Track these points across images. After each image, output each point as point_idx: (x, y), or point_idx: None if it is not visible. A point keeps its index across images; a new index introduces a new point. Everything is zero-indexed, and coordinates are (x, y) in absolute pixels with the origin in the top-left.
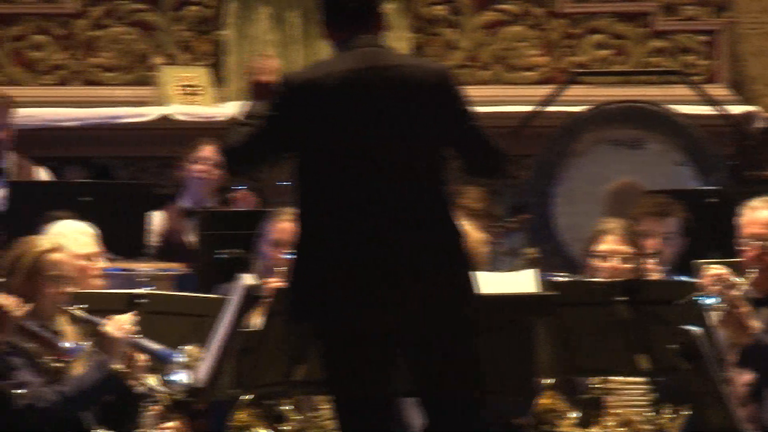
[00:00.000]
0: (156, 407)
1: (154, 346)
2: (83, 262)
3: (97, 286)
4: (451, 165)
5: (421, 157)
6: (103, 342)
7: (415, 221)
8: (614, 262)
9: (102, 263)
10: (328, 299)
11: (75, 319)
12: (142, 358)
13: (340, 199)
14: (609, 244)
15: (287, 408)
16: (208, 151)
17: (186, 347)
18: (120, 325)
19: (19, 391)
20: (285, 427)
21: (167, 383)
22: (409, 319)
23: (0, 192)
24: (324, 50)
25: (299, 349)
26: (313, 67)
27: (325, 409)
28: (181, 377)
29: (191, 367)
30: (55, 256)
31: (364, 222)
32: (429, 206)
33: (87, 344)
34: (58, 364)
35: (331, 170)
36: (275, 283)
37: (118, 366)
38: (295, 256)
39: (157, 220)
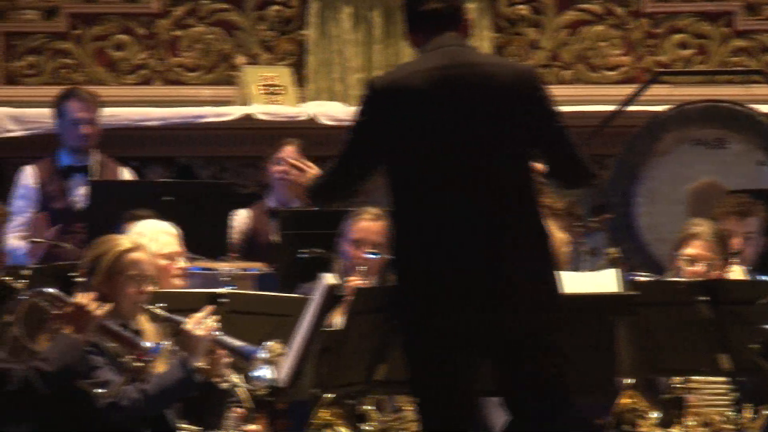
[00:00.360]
0: (238, 407)
1: (236, 342)
2: (164, 262)
3: (178, 286)
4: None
5: (507, 155)
6: (185, 340)
7: (503, 222)
8: (700, 267)
9: (183, 263)
10: (418, 300)
11: (155, 318)
12: (223, 354)
13: (429, 200)
14: (697, 248)
15: (369, 408)
16: (289, 151)
17: (268, 343)
18: (201, 322)
19: (102, 390)
20: (367, 428)
21: (250, 380)
22: (496, 320)
23: (82, 190)
24: (405, 50)
25: (380, 349)
26: (396, 69)
27: (407, 410)
28: (264, 373)
29: (274, 362)
30: (136, 255)
31: (452, 222)
32: (516, 206)
33: (168, 343)
34: (139, 364)
35: (419, 170)
36: (356, 282)
37: (200, 364)
38: (391, 258)
39: (241, 219)
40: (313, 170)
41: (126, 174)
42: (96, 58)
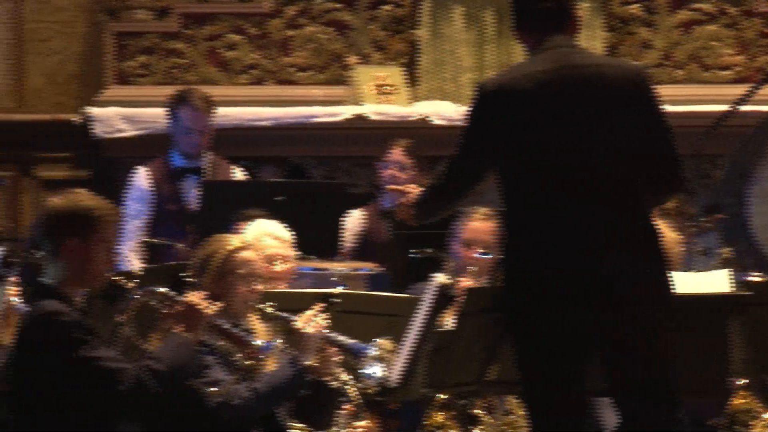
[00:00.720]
0: (348, 406)
1: (347, 340)
2: (275, 261)
3: (288, 286)
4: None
5: (617, 156)
6: (295, 338)
7: (613, 222)
8: None
9: (294, 263)
10: (529, 299)
11: (266, 317)
12: (334, 352)
13: (540, 202)
14: None
15: (481, 411)
16: (396, 154)
17: (378, 340)
18: (311, 320)
19: (213, 389)
20: (478, 430)
21: (361, 377)
22: (607, 319)
23: (196, 191)
24: (517, 50)
25: (492, 349)
26: (506, 72)
27: (518, 413)
28: (375, 371)
29: (384, 360)
30: (246, 254)
31: (563, 223)
32: (626, 206)
33: (279, 341)
34: (250, 362)
35: (530, 172)
36: (467, 282)
37: (310, 362)
38: (502, 258)
39: (355, 219)
40: (414, 191)
41: (238, 173)
42: (208, 58)
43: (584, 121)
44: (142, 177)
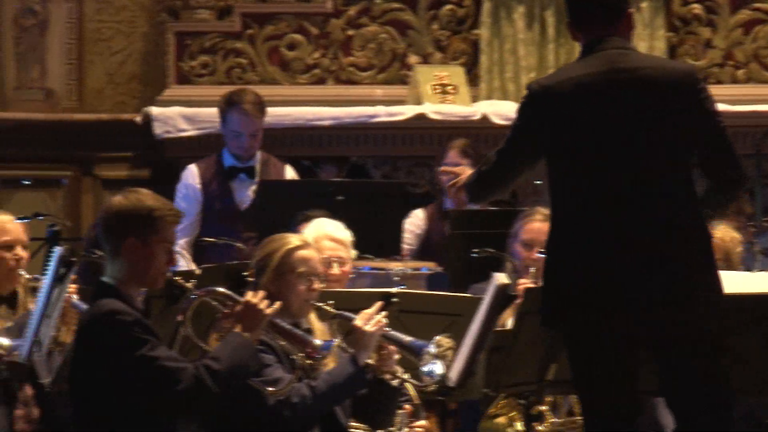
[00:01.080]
0: (407, 405)
1: (406, 338)
2: (332, 264)
3: (347, 285)
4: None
5: (668, 157)
6: (355, 336)
7: (664, 223)
8: None
9: (351, 265)
10: (580, 300)
11: (324, 316)
12: (393, 351)
13: (588, 202)
14: None
15: (544, 408)
16: (452, 156)
17: (438, 337)
18: (371, 318)
19: (272, 387)
20: (540, 428)
21: (421, 375)
22: (660, 319)
23: (248, 190)
24: (578, 49)
25: (551, 349)
26: (554, 74)
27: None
28: (435, 368)
29: (444, 357)
30: (305, 252)
31: (613, 224)
32: (676, 207)
33: (338, 340)
34: (309, 362)
35: (577, 174)
36: (526, 282)
37: (370, 360)
38: (547, 257)
39: (417, 219)
40: (465, 173)
41: (289, 171)
42: (269, 58)
43: (633, 126)
44: (192, 175)
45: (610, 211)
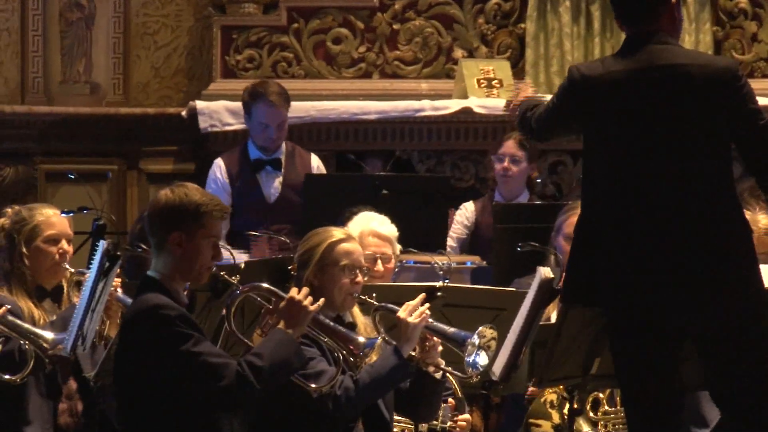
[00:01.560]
0: (450, 399)
1: (449, 329)
2: (378, 257)
3: (389, 279)
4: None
5: (705, 151)
6: (398, 328)
7: (703, 215)
8: None
9: (395, 261)
10: (619, 292)
11: (368, 308)
12: (437, 343)
13: (625, 194)
14: None
15: (601, 396)
16: (510, 146)
17: (481, 328)
18: (415, 310)
19: (315, 382)
20: (582, 421)
21: (465, 367)
22: (699, 313)
23: (276, 182)
24: None
25: (595, 343)
26: (596, 63)
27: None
28: (479, 359)
29: (487, 347)
30: (348, 245)
31: (652, 217)
32: (715, 202)
33: (380, 338)
34: (352, 359)
35: (612, 164)
36: None
37: (413, 352)
38: (576, 244)
39: (467, 212)
40: (523, 94)
41: (315, 161)
42: (314, 52)
43: (666, 121)
44: (219, 169)
45: (646, 205)
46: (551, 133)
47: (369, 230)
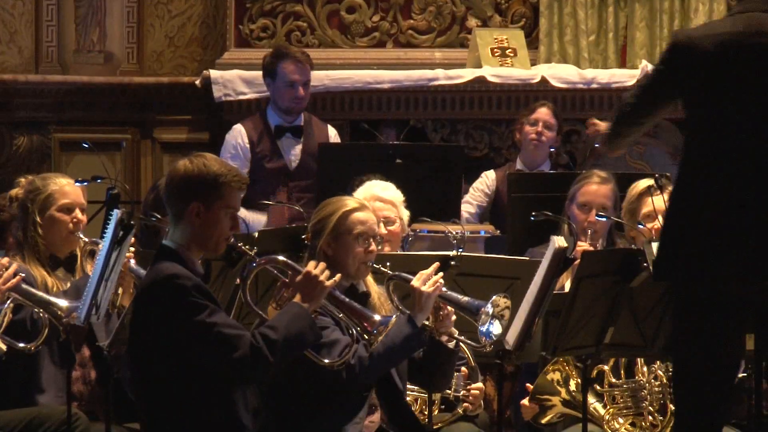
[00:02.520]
0: (464, 368)
1: (463, 298)
2: (381, 221)
3: (399, 248)
4: None
5: None
6: (412, 297)
7: None
8: None
9: (401, 225)
10: (700, 263)
11: (381, 277)
12: (451, 312)
13: (721, 162)
14: None
15: (605, 368)
16: (544, 114)
17: (494, 297)
18: (428, 279)
19: (329, 351)
20: (599, 389)
21: (479, 335)
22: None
23: (296, 149)
24: (639, 12)
25: (609, 312)
26: (701, 27)
27: (641, 377)
28: (492, 328)
29: (501, 317)
30: (361, 214)
31: (741, 187)
32: None
33: (395, 317)
34: (366, 336)
35: (712, 132)
36: (584, 245)
37: (427, 322)
38: (669, 218)
39: (488, 180)
40: (602, 125)
41: (332, 131)
42: (328, 21)
43: (763, 86)
44: (240, 134)
45: (743, 174)
46: (652, 105)
47: (371, 195)
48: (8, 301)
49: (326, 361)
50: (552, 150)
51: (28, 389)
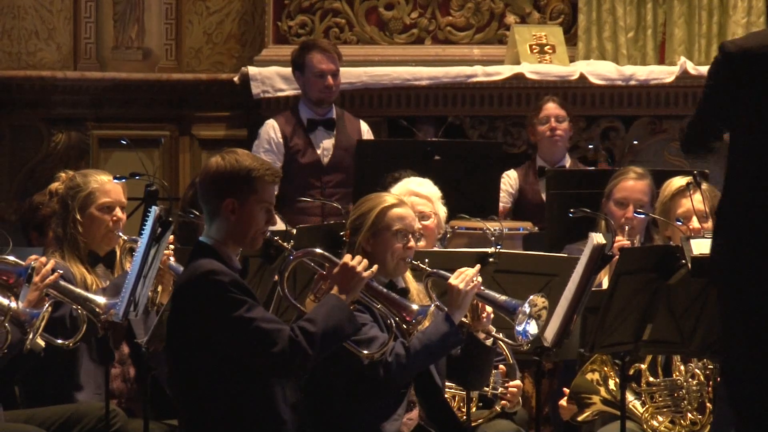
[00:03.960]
0: (501, 365)
1: (501, 297)
2: (425, 219)
3: (421, 247)
4: None
5: None
6: (450, 295)
7: None
8: None
9: (438, 220)
10: (754, 269)
11: (420, 274)
12: (489, 310)
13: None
14: None
15: (643, 367)
16: (551, 108)
17: (532, 297)
18: (466, 277)
19: (367, 348)
20: (635, 386)
21: (516, 335)
22: None
23: (328, 143)
24: (678, 8)
25: (647, 309)
26: (752, 35)
27: (678, 375)
28: (529, 328)
29: (538, 317)
30: (400, 210)
31: None
32: None
33: (434, 305)
34: (405, 326)
35: (762, 140)
36: (622, 242)
37: (464, 319)
38: (721, 221)
39: (511, 179)
40: None
41: (364, 127)
42: (367, 18)
43: None
44: (273, 129)
45: None
46: (710, 124)
47: (407, 191)
48: (46, 305)
49: (365, 352)
50: (590, 147)
51: (66, 386)
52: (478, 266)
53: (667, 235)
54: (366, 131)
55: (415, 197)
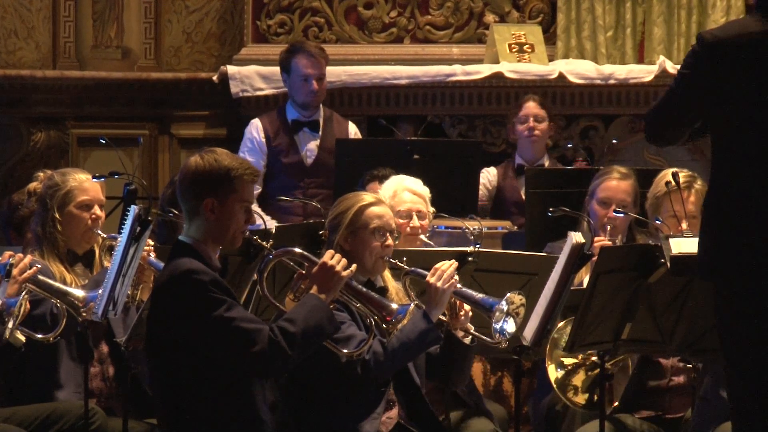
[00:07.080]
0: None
1: (477, 295)
2: (401, 221)
3: (414, 244)
4: None
5: None
6: (428, 293)
7: None
8: None
9: (430, 219)
10: (740, 263)
11: (398, 272)
12: (467, 308)
13: (753, 163)
14: None
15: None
16: (531, 107)
17: (509, 294)
18: (443, 275)
19: (345, 346)
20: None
21: (493, 332)
22: None
23: (313, 144)
24: (657, 7)
25: (627, 308)
26: (727, 26)
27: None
28: (506, 326)
29: (516, 314)
30: (378, 209)
31: None
32: None
33: (413, 304)
34: (384, 325)
35: (741, 134)
36: (602, 241)
37: (442, 317)
38: (708, 215)
39: (490, 177)
40: None
41: (352, 128)
42: (346, 17)
43: None
44: (257, 129)
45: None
46: (680, 112)
47: (404, 186)
48: (23, 293)
49: (345, 351)
50: (569, 146)
51: (46, 385)
52: (454, 262)
53: (657, 227)
54: (354, 133)
55: (413, 195)
